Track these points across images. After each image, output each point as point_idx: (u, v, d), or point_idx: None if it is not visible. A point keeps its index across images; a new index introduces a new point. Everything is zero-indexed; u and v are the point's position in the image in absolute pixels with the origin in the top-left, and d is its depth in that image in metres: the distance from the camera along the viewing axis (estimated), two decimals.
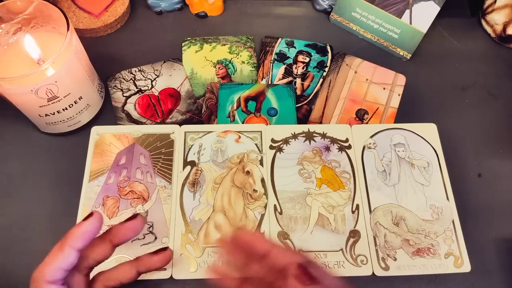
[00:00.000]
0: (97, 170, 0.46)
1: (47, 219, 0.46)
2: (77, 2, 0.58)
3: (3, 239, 0.45)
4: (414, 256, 0.42)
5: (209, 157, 0.47)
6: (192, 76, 0.55)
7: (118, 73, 0.54)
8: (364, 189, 0.46)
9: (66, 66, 0.42)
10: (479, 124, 0.54)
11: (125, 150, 0.47)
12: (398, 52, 0.58)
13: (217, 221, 0.43)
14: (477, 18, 0.62)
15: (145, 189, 0.45)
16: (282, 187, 0.45)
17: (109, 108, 0.52)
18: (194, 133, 0.48)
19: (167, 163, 0.46)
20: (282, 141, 0.48)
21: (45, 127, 0.49)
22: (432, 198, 0.45)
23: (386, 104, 0.52)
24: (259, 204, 0.44)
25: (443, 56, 0.59)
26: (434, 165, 0.47)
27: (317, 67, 0.56)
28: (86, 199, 0.44)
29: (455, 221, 0.44)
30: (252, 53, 0.57)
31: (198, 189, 0.45)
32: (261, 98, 0.52)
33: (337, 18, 0.60)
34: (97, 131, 0.48)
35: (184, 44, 0.57)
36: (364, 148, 0.48)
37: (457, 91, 0.56)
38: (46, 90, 0.42)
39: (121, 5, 0.58)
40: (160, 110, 0.52)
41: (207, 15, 0.61)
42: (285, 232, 0.43)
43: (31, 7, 0.44)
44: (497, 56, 0.59)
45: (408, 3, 0.54)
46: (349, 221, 0.44)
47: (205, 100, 0.52)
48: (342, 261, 0.42)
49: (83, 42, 0.46)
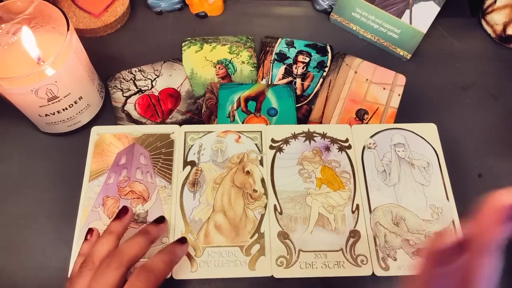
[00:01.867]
0: (97, 170, 0.46)
1: (47, 219, 0.46)
2: (77, 2, 0.58)
3: (3, 239, 0.45)
4: (414, 256, 0.42)
5: (209, 157, 0.47)
6: (192, 76, 0.55)
7: (118, 73, 0.54)
8: (364, 189, 0.46)
9: (66, 66, 0.42)
10: (479, 124, 0.54)
11: (125, 150, 0.47)
12: (398, 52, 0.58)
13: (217, 221, 0.43)
14: (477, 18, 0.62)
15: (145, 189, 0.45)
16: (282, 187, 0.45)
17: (109, 108, 0.52)
18: (194, 133, 0.48)
19: (167, 163, 0.46)
20: (282, 141, 0.48)
21: (45, 127, 0.49)
22: (432, 198, 0.45)
23: (386, 104, 0.52)
24: (259, 204, 0.44)
25: (443, 56, 0.59)
26: (434, 165, 0.47)
27: (317, 67, 0.56)
28: (86, 199, 0.44)
29: (455, 221, 0.44)
30: (252, 53, 0.57)
31: (198, 189, 0.45)
32: (261, 98, 0.52)
33: (337, 18, 0.60)
34: (97, 131, 0.48)
35: (184, 44, 0.57)
36: (364, 148, 0.48)
37: (457, 91, 0.56)
38: (46, 90, 0.42)
39: (121, 5, 0.58)
40: (160, 110, 0.52)
41: (207, 15, 0.61)
42: (285, 232, 0.43)
43: (31, 7, 0.44)
44: (497, 56, 0.59)
45: (408, 3, 0.54)
46: (349, 221, 0.44)
47: (205, 100, 0.52)
48: (342, 261, 0.42)
49: (83, 42, 0.46)
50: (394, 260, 0.42)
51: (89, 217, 0.43)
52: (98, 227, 0.42)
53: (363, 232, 0.43)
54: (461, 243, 0.30)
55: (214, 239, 0.43)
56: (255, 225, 0.43)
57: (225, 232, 0.43)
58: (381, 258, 0.42)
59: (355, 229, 0.44)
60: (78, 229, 0.43)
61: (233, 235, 0.43)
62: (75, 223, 0.43)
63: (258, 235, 0.43)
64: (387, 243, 0.43)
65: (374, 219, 0.44)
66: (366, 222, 0.44)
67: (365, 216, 0.44)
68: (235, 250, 0.42)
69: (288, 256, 0.42)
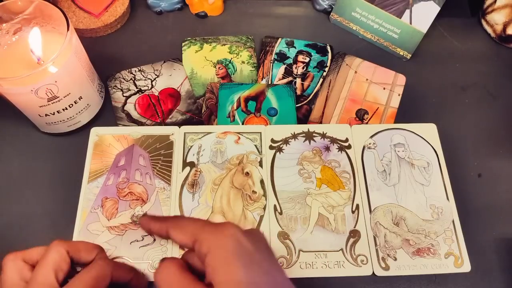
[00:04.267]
0: (96, 171, 0.46)
1: (46, 219, 0.46)
2: (77, 2, 0.58)
3: (3, 239, 0.45)
4: (414, 256, 0.42)
5: (208, 158, 0.47)
6: (192, 76, 0.54)
7: (118, 73, 0.54)
8: (364, 189, 0.46)
9: (66, 66, 0.42)
10: (479, 124, 0.54)
11: (125, 151, 0.47)
12: (398, 52, 0.58)
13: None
14: (477, 18, 0.62)
15: (144, 190, 0.45)
16: (282, 187, 0.45)
17: (109, 108, 0.52)
18: (193, 134, 0.48)
19: (166, 165, 0.46)
20: (282, 141, 0.48)
21: (45, 127, 0.49)
22: (432, 198, 0.45)
23: (386, 104, 0.52)
24: (258, 206, 0.44)
25: (443, 56, 0.59)
26: (434, 165, 0.47)
27: (317, 67, 0.56)
28: (85, 200, 0.44)
29: (455, 221, 0.44)
30: (252, 53, 0.57)
31: (197, 190, 0.45)
32: (261, 98, 0.52)
33: (337, 18, 0.60)
34: (96, 132, 0.48)
35: (184, 44, 0.57)
36: (364, 148, 0.48)
37: (457, 91, 0.56)
38: (46, 90, 0.42)
39: (121, 5, 0.58)
40: (160, 110, 0.52)
41: (207, 15, 0.61)
42: (285, 232, 0.43)
43: (31, 7, 0.44)
44: (497, 56, 0.59)
45: (408, 3, 0.54)
46: (349, 221, 0.44)
47: (205, 100, 0.52)
48: (342, 261, 0.42)
49: (83, 42, 0.46)
50: (394, 260, 0.42)
51: (88, 218, 0.43)
52: (97, 228, 0.43)
53: (363, 232, 0.43)
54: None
55: None
56: (254, 226, 0.43)
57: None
58: (381, 258, 0.42)
59: (355, 229, 0.44)
60: (77, 230, 0.43)
61: None
62: (74, 224, 0.43)
63: None
64: (387, 243, 0.43)
65: (374, 219, 0.44)
66: (366, 222, 0.44)
67: (365, 216, 0.44)
68: None
69: (288, 256, 0.42)
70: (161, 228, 0.37)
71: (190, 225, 0.34)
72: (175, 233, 0.35)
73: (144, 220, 0.39)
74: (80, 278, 0.33)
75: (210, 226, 0.34)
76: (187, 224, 0.35)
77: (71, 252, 0.35)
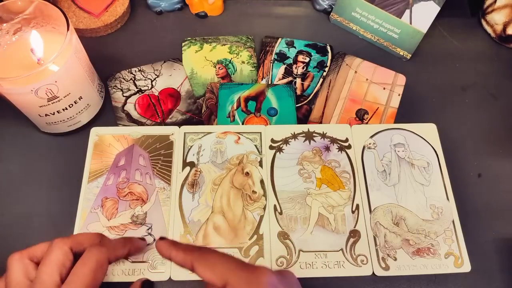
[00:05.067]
0: (96, 171, 0.46)
1: (46, 219, 0.46)
2: (77, 2, 0.58)
3: (3, 238, 0.45)
4: (414, 256, 0.42)
5: (208, 158, 0.47)
6: (192, 76, 0.54)
7: (118, 73, 0.54)
8: (364, 189, 0.46)
9: (66, 66, 0.42)
10: (479, 124, 0.54)
11: (125, 151, 0.47)
12: (398, 52, 0.58)
13: (216, 222, 0.43)
14: (477, 18, 0.62)
15: (144, 190, 0.45)
16: (282, 187, 0.45)
17: (109, 108, 0.52)
18: (193, 134, 0.48)
19: (166, 165, 0.46)
20: (282, 141, 0.48)
21: (45, 127, 0.49)
22: (432, 198, 0.45)
23: (386, 104, 0.52)
24: (258, 206, 0.44)
25: (443, 56, 0.59)
26: (434, 165, 0.47)
27: (317, 67, 0.56)
28: (85, 200, 0.44)
29: (455, 221, 0.44)
30: (252, 53, 0.57)
31: (197, 190, 0.45)
32: (261, 98, 0.52)
33: (337, 18, 0.60)
34: (96, 132, 0.48)
35: (184, 44, 0.57)
36: (364, 148, 0.48)
37: (457, 91, 0.56)
38: (46, 90, 0.42)
39: (121, 5, 0.58)
40: (160, 110, 0.52)
41: (207, 15, 0.61)
42: (285, 232, 0.43)
43: (31, 7, 0.44)
44: (497, 56, 0.59)
45: (408, 3, 0.54)
46: (349, 221, 0.44)
47: (205, 100, 0.52)
48: (342, 261, 0.42)
49: (83, 42, 0.46)
50: (394, 260, 0.42)
51: (88, 218, 0.43)
52: (97, 228, 0.43)
53: (363, 232, 0.43)
54: None
55: (213, 240, 0.43)
56: (254, 226, 0.43)
57: (224, 234, 0.43)
58: (381, 258, 0.42)
59: (355, 229, 0.43)
60: (77, 231, 0.43)
61: (232, 236, 0.43)
62: (74, 224, 0.43)
63: (257, 236, 0.43)
64: (387, 243, 0.43)
65: (374, 219, 0.44)
66: (366, 222, 0.44)
67: (365, 216, 0.44)
68: (234, 251, 0.42)
69: (288, 256, 0.42)
70: (185, 260, 0.34)
71: (220, 264, 0.32)
72: (203, 270, 0.33)
73: (163, 245, 0.36)
74: (78, 272, 0.33)
75: (243, 270, 0.32)
76: (216, 261, 0.33)
77: (74, 248, 0.34)
